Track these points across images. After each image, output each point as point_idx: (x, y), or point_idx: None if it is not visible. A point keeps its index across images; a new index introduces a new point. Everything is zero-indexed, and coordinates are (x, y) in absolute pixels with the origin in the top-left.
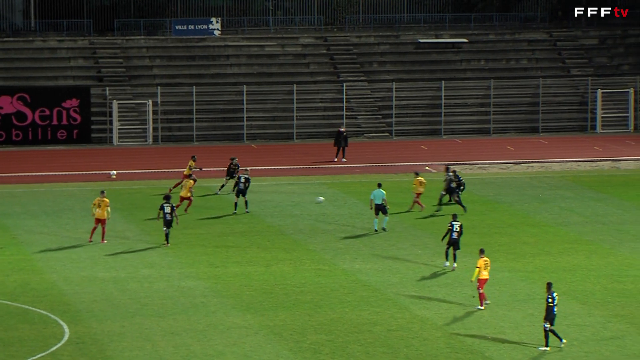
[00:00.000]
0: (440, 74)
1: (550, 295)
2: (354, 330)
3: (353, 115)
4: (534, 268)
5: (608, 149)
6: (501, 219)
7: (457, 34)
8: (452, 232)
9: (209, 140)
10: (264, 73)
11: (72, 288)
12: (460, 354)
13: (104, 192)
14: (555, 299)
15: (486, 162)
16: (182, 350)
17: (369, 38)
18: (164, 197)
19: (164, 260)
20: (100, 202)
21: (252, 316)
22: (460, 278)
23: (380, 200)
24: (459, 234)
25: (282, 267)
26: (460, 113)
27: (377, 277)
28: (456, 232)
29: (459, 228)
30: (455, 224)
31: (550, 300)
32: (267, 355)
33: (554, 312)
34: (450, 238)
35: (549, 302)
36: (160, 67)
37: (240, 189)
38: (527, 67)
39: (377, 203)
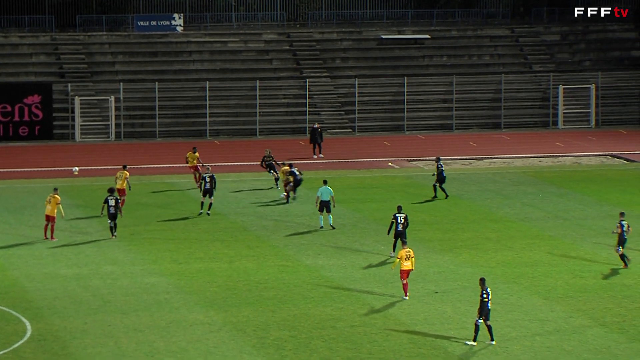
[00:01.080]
0: (402, 69)
1: (484, 291)
2: (317, 326)
3: (316, 111)
4: (496, 263)
5: (570, 144)
6: (464, 214)
7: (419, 30)
8: (397, 224)
9: (171, 137)
10: (227, 69)
11: (34, 285)
12: (423, 349)
13: (56, 190)
14: (489, 294)
15: (449, 158)
16: (145, 346)
17: (332, 34)
18: (108, 190)
19: (126, 256)
20: (51, 199)
21: (216, 312)
22: (423, 274)
23: (328, 197)
24: (404, 226)
25: (246, 263)
26: (423, 109)
27: (340, 273)
28: (401, 224)
29: (404, 220)
30: (400, 216)
31: (485, 295)
32: (230, 352)
33: (488, 307)
34: (396, 230)
35: (483, 298)
36: (122, 63)
37: (207, 188)
38: (489, 63)
39: (322, 200)
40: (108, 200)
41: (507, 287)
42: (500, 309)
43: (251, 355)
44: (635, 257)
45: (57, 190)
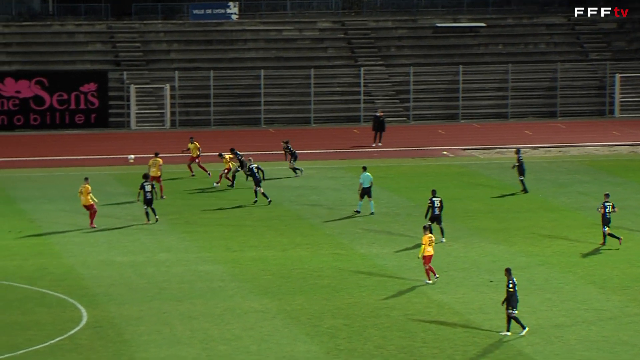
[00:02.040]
0: (458, 58)
1: (510, 281)
2: (371, 315)
3: (371, 99)
4: (552, 252)
5: (626, 133)
6: (519, 203)
7: (475, 18)
8: (434, 208)
9: (226, 125)
10: (282, 57)
11: (90, 272)
12: (477, 338)
13: (87, 179)
14: (515, 284)
15: (504, 147)
16: (200, 334)
17: (387, 22)
18: (143, 176)
19: (181, 244)
20: (82, 189)
21: (270, 300)
22: (477, 263)
23: (368, 183)
24: (440, 209)
25: (300, 251)
26: (478, 97)
27: (395, 262)
28: (437, 208)
29: (440, 203)
30: (436, 200)
31: (511, 285)
32: (284, 339)
33: (516, 297)
34: (433, 214)
35: (509, 288)
36: (177, 51)
37: (258, 178)
38: (545, 51)
39: (365, 187)
40: (144, 186)
41: (562, 277)
42: (556, 298)
43: (305, 343)
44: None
45: (88, 180)
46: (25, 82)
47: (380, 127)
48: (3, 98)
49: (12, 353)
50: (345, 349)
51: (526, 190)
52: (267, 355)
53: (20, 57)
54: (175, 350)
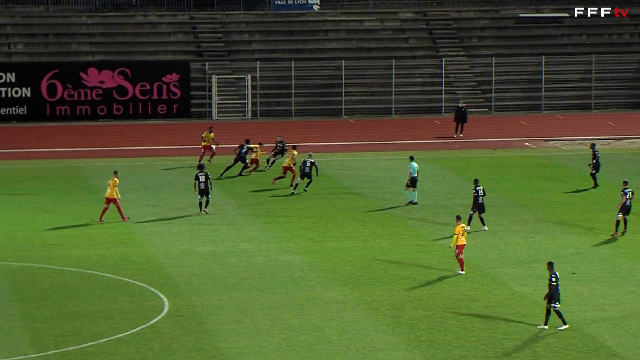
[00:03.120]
0: (540, 48)
1: (553, 275)
2: (452, 306)
3: (452, 90)
4: (636, 245)
5: None
6: (602, 195)
7: (558, 9)
8: (478, 196)
9: (307, 115)
10: (363, 48)
11: (172, 261)
12: (559, 331)
13: (116, 173)
14: (558, 278)
15: (587, 138)
16: (280, 324)
17: (469, 13)
18: (198, 167)
19: (262, 234)
20: (110, 182)
21: (350, 291)
22: (560, 255)
23: (415, 173)
24: (483, 198)
25: (380, 242)
26: (561, 88)
27: (476, 253)
28: (481, 197)
29: (483, 192)
30: (480, 188)
31: (554, 279)
32: (364, 330)
33: (558, 291)
34: (477, 203)
35: (551, 282)
36: (259, 42)
37: (306, 172)
38: (629, 42)
39: (413, 176)
40: (198, 176)
41: None
42: (639, 290)
43: (385, 334)
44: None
45: (117, 174)
46: (108, 72)
47: (462, 118)
48: (87, 88)
49: (95, 341)
50: (426, 340)
51: (597, 185)
52: (348, 345)
53: (104, 47)
54: (255, 339)
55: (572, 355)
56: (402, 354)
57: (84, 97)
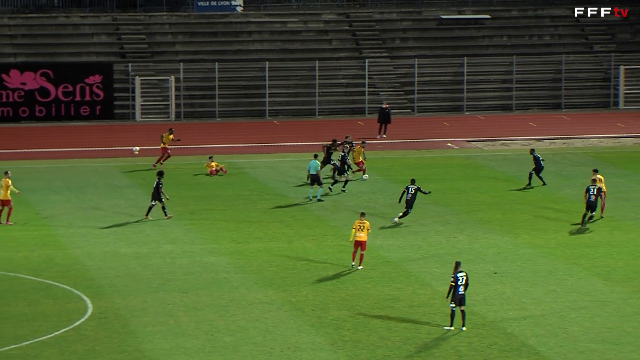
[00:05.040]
0: (462, 50)
1: (453, 275)
2: (375, 306)
3: (375, 91)
4: (556, 244)
5: (631, 125)
6: (523, 195)
7: (479, 10)
8: (407, 193)
9: (231, 117)
10: (286, 49)
11: (95, 263)
12: (481, 330)
13: (7, 173)
14: (459, 280)
15: (509, 139)
16: (205, 325)
17: (391, 14)
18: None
19: (186, 236)
20: (2, 183)
21: (274, 292)
22: (482, 255)
23: (314, 171)
24: (413, 196)
25: (305, 243)
26: (483, 89)
27: (399, 253)
28: (410, 194)
29: (414, 191)
30: (411, 187)
31: (453, 280)
32: (289, 331)
33: (459, 292)
34: (406, 200)
35: (451, 282)
36: (182, 43)
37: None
38: (549, 43)
39: (312, 174)
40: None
41: (566, 268)
42: (560, 289)
43: (310, 335)
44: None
45: (9, 174)
46: (30, 74)
47: (386, 119)
48: (8, 90)
49: (18, 344)
50: (350, 340)
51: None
52: (272, 346)
53: (26, 49)
54: (180, 341)
55: (495, 354)
56: (326, 354)
57: (6, 98)
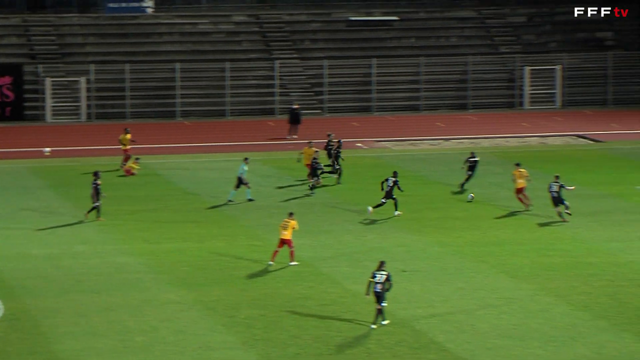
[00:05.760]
0: (371, 51)
1: (375, 273)
2: (287, 305)
3: (285, 92)
4: (464, 242)
5: (536, 125)
6: (432, 194)
7: (387, 12)
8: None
9: (142, 117)
10: (197, 50)
11: (6, 265)
12: (390, 327)
13: None
14: (376, 277)
15: (417, 139)
16: (117, 325)
17: (301, 16)
18: (94, 174)
19: (98, 236)
20: None
21: (187, 292)
22: (392, 253)
23: (239, 174)
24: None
25: (217, 243)
26: (391, 90)
27: (310, 253)
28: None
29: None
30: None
31: (371, 278)
32: (201, 330)
33: (375, 289)
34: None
35: (370, 279)
36: (93, 44)
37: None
38: (456, 44)
39: (237, 176)
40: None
41: (474, 266)
42: (468, 287)
43: (222, 334)
44: (593, 232)
45: None
46: None
47: (296, 120)
48: None
49: None
50: (262, 339)
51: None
52: (184, 346)
53: None
54: (92, 342)
55: (404, 350)
56: (238, 353)
57: None
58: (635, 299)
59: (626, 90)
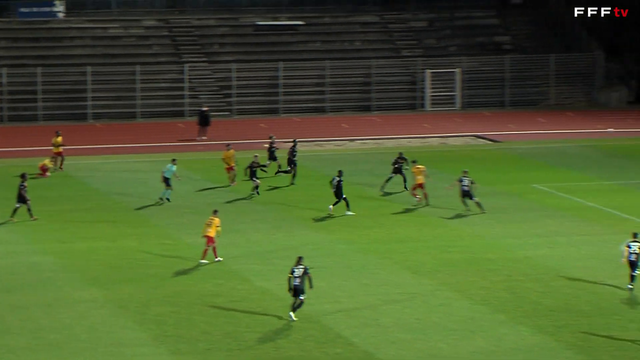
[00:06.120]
0: (278, 55)
1: (291, 269)
2: (197, 302)
3: (195, 95)
4: (369, 240)
5: (437, 125)
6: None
7: (293, 17)
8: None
9: (54, 120)
10: (108, 54)
11: None
12: (298, 322)
13: None
14: (295, 272)
15: (322, 139)
16: (30, 323)
17: (209, 20)
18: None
19: (10, 236)
20: None
21: (99, 290)
22: (299, 251)
23: (169, 175)
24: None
25: (128, 242)
26: (298, 92)
27: (220, 251)
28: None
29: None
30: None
31: (290, 274)
32: (113, 328)
33: (294, 283)
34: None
35: (289, 274)
36: (5, 48)
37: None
38: (360, 48)
39: (165, 176)
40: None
41: (378, 263)
42: (372, 283)
43: (133, 331)
44: (491, 229)
45: None
46: None
47: (205, 122)
48: None
49: None
50: (172, 335)
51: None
52: (97, 343)
53: None
54: (5, 339)
55: (311, 345)
56: (149, 349)
57: None
58: (531, 293)
59: (522, 92)
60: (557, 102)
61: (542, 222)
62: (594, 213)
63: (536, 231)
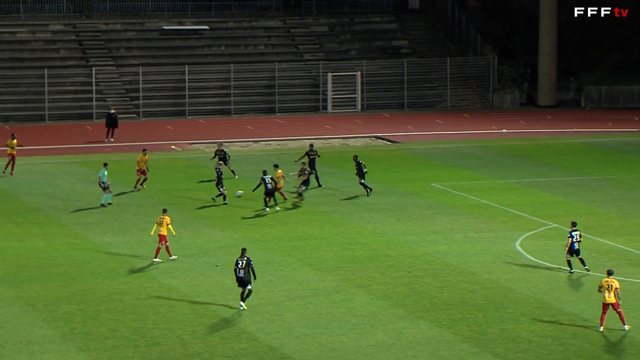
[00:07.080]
0: (184, 58)
1: (236, 261)
2: (104, 300)
3: (103, 97)
4: (272, 237)
5: (338, 127)
6: (245, 192)
7: (199, 21)
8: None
9: None
10: (16, 58)
11: None
12: (204, 319)
13: None
14: (239, 264)
15: (228, 141)
16: None
17: (116, 25)
18: None
19: None
20: None
21: (7, 289)
22: (204, 249)
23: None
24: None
25: (36, 241)
26: (203, 95)
27: (127, 250)
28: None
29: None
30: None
31: (235, 266)
32: (21, 325)
33: (238, 275)
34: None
35: (234, 267)
36: None
37: None
38: (264, 52)
39: (102, 181)
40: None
41: (282, 260)
42: (276, 279)
43: (42, 329)
44: (399, 227)
45: None
46: None
47: (113, 124)
48: None
49: None
50: (80, 332)
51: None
52: (5, 340)
53: None
54: None
55: (216, 340)
56: (57, 346)
57: None
58: (429, 288)
59: (420, 95)
60: (454, 104)
61: (440, 219)
62: (489, 210)
63: (434, 228)
